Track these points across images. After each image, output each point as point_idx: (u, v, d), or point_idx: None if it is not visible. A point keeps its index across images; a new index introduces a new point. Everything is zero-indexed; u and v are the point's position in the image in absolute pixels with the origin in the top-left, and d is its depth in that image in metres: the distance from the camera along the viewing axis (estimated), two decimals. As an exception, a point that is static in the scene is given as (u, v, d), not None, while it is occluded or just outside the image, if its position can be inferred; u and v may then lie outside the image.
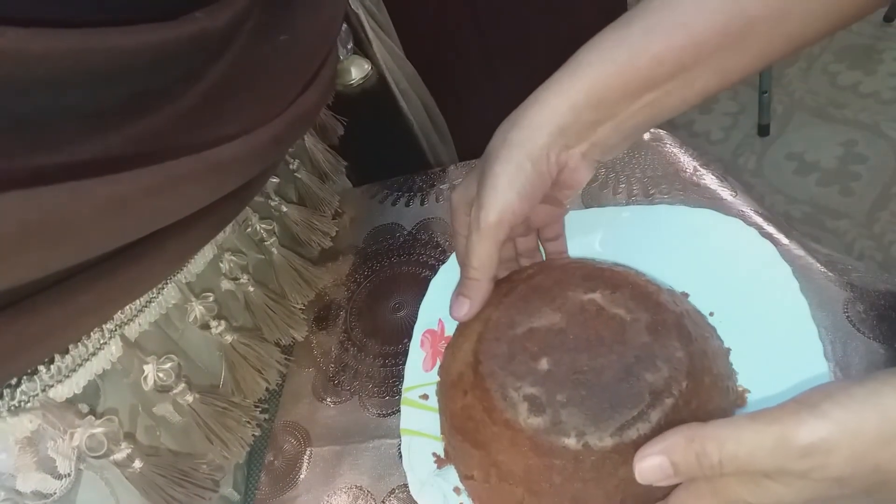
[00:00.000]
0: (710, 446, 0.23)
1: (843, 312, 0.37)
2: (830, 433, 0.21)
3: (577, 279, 0.33)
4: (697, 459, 0.23)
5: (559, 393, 0.28)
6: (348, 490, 0.40)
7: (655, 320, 0.30)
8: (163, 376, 0.34)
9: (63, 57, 0.24)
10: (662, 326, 0.30)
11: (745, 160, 1.35)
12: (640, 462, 0.25)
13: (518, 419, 0.28)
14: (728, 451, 0.23)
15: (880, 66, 1.42)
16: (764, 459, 0.22)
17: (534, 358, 0.30)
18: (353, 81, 0.60)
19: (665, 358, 0.29)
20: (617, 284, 0.32)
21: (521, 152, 0.30)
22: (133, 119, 0.28)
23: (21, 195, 0.22)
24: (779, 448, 0.22)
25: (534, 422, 0.28)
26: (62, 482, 0.30)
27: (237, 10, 0.34)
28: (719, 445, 0.23)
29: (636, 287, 0.32)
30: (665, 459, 0.24)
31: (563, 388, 0.28)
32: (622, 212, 0.43)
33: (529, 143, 0.30)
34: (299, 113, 0.37)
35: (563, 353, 0.29)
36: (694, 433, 0.24)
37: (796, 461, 0.22)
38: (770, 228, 0.41)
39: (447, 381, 0.34)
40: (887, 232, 1.16)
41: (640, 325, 0.30)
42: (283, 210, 0.49)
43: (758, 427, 0.23)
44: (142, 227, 0.28)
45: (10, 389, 0.27)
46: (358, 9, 0.59)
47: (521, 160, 0.30)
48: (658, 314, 0.30)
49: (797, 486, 0.22)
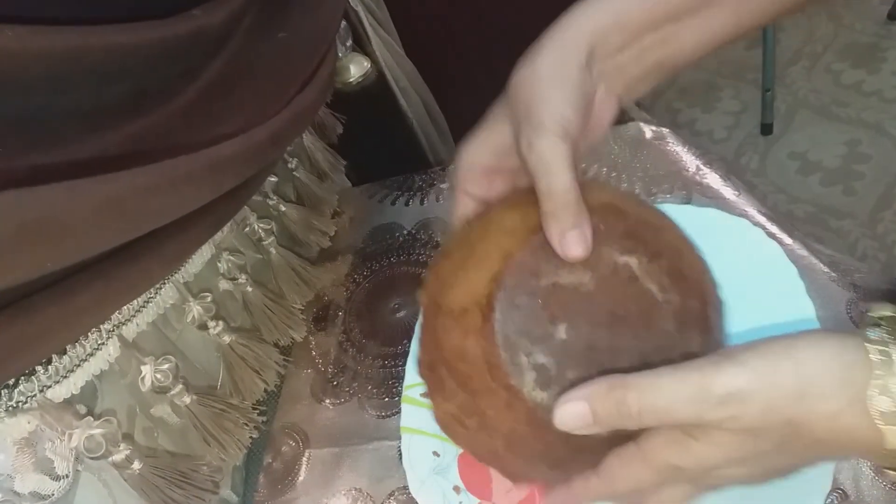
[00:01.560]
0: (630, 395, 0.23)
1: (846, 313, 0.37)
2: (748, 382, 0.22)
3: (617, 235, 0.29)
4: (617, 407, 0.23)
5: (570, 369, 0.26)
6: (347, 492, 0.40)
7: (685, 306, 0.28)
8: (160, 377, 0.34)
9: (61, 55, 0.24)
10: (689, 315, 0.28)
11: (747, 159, 1.35)
12: (561, 407, 0.25)
13: (522, 389, 0.26)
14: (647, 400, 0.23)
15: (884, 64, 1.41)
16: (683, 408, 0.22)
17: (552, 321, 0.27)
18: (353, 79, 0.60)
19: (683, 353, 0.27)
20: (658, 251, 0.29)
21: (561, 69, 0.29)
22: (131, 118, 0.28)
23: (19, 194, 0.22)
24: (697, 395, 0.22)
25: (538, 395, 0.26)
26: (60, 483, 0.30)
27: (234, 8, 0.33)
28: (639, 394, 0.23)
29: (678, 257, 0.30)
30: (585, 405, 0.24)
31: (576, 364, 0.27)
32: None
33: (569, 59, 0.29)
34: (298, 111, 0.36)
35: (583, 322, 0.27)
36: (615, 381, 0.24)
37: (713, 409, 0.22)
38: (773, 228, 0.41)
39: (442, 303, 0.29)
40: (890, 232, 1.16)
41: (668, 310, 0.28)
42: (281, 209, 0.49)
43: (678, 376, 0.23)
44: (139, 227, 0.28)
45: (8, 390, 0.27)
46: (357, 6, 0.59)
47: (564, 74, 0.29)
48: (689, 297, 0.29)
49: (716, 441, 0.23)
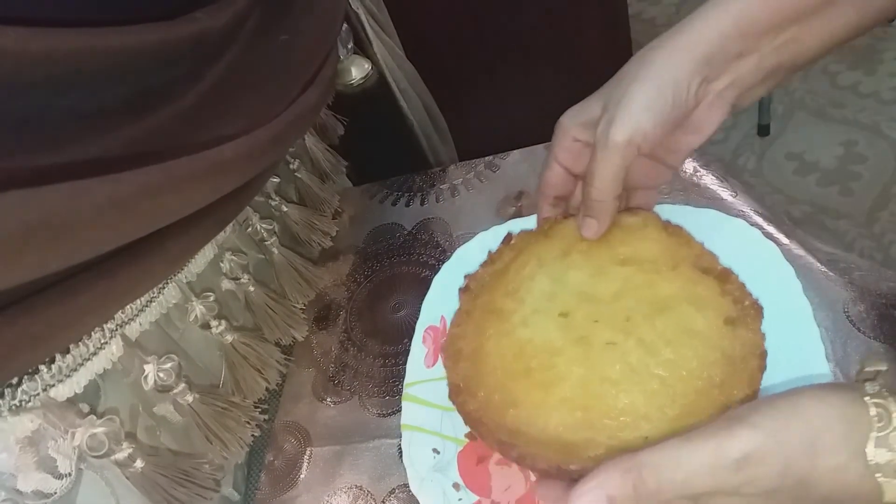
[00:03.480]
0: (646, 473, 0.23)
1: (843, 312, 0.37)
2: (763, 443, 0.22)
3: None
4: (635, 490, 0.23)
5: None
6: (348, 490, 0.40)
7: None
8: (163, 376, 0.34)
9: (63, 57, 0.24)
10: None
11: (745, 160, 1.35)
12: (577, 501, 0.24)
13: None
14: (665, 476, 0.22)
15: (880, 66, 1.42)
16: (701, 478, 0.22)
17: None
18: (354, 81, 0.60)
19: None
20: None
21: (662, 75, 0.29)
22: (133, 119, 0.28)
23: (21, 195, 0.22)
24: (714, 463, 0.22)
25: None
26: (63, 482, 0.30)
27: (237, 10, 0.34)
28: (656, 471, 0.23)
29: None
30: (601, 493, 0.23)
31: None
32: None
33: (673, 67, 0.29)
34: (299, 113, 0.37)
35: None
36: (628, 463, 0.23)
37: (732, 475, 0.22)
38: (770, 228, 0.41)
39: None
40: (887, 232, 1.16)
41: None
42: (283, 210, 0.49)
43: (692, 446, 0.22)
44: (142, 227, 0.28)
45: (11, 389, 0.27)
46: (358, 8, 0.59)
47: (662, 83, 0.29)
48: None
49: None
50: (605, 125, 0.30)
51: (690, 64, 0.29)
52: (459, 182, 0.55)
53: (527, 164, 0.54)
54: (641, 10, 1.71)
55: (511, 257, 0.36)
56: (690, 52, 0.29)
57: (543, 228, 0.36)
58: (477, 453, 0.35)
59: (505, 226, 0.43)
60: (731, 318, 0.30)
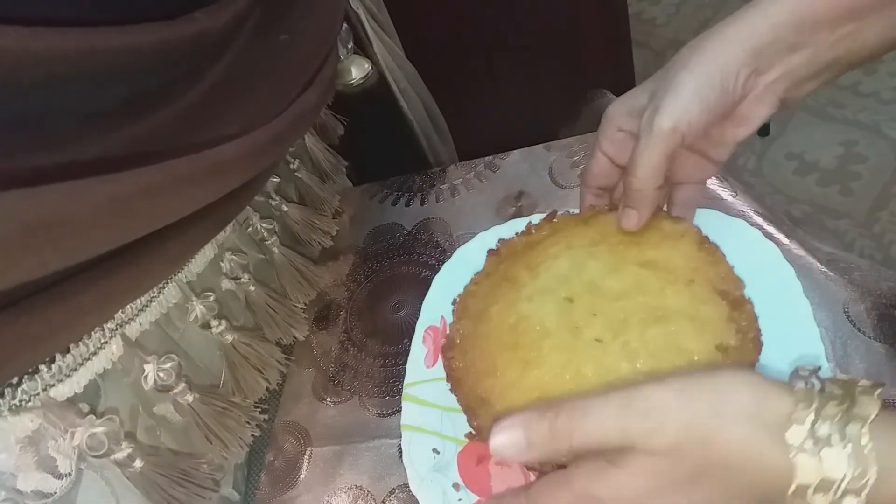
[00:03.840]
0: (562, 415, 0.24)
1: (843, 312, 0.37)
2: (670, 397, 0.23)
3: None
4: (550, 429, 0.24)
5: None
6: (348, 490, 0.40)
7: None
8: (163, 376, 0.34)
9: (63, 57, 0.24)
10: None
11: (744, 160, 1.35)
12: (495, 436, 0.25)
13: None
14: (577, 418, 0.24)
15: (880, 65, 1.42)
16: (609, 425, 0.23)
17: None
18: (354, 81, 0.60)
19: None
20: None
21: (711, 64, 0.29)
22: (133, 119, 0.28)
23: (21, 194, 0.22)
24: (621, 412, 0.23)
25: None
26: (63, 481, 0.30)
27: (237, 10, 0.34)
28: (570, 414, 0.24)
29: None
30: (519, 432, 0.25)
31: None
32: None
33: (723, 56, 0.28)
34: (299, 112, 0.37)
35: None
36: (549, 406, 0.25)
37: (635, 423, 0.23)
38: (770, 228, 0.41)
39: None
40: (887, 232, 1.16)
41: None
42: (283, 209, 0.49)
43: (607, 396, 0.24)
44: (142, 227, 0.28)
45: (11, 388, 0.27)
46: (358, 8, 0.59)
47: (711, 71, 0.28)
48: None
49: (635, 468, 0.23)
50: (650, 113, 0.29)
51: (740, 54, 0.28)
52: (459, 182, 0.55)
53: (527, 164, 0.54)
54: (641, 10, 1.71)
55: (546, 234, 0.37)
56: (741, 43, 0.28)
57: (585, 216, 0.36)
58: (477, 453, 0.35)
59: (505, 226, 0.43)
60: (725, 346, 0.28)
